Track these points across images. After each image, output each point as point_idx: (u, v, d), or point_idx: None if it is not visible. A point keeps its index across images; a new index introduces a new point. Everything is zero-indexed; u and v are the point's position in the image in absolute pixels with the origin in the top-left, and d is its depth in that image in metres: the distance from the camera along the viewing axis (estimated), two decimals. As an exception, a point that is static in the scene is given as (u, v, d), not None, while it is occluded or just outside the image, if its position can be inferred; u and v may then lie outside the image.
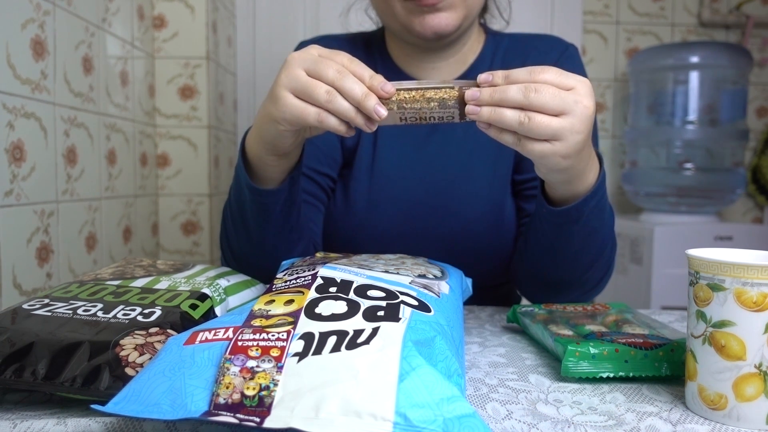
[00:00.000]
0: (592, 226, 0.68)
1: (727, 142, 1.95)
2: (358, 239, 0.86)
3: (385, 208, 0.85)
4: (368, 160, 0.86)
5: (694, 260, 0.48)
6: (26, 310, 0.52)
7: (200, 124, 1.60)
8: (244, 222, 0.72)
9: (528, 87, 0.53)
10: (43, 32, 1.01)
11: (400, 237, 0.85)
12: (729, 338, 0.45)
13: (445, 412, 0.35)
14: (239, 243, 0.75)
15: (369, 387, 0.36)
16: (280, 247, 0.73)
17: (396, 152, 0.86)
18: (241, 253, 0.76)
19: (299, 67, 0.56)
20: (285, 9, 1.96)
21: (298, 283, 0.50)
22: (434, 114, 0.56)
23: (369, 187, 0.86)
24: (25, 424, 0.43)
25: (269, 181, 0.68)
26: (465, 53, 0.87)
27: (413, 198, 0.85)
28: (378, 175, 0.86)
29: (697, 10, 2.13)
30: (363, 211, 0.85)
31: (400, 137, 0.86)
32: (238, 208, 0.72)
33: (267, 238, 0.72)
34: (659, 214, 1.95)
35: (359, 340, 0.40)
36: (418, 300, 0.48)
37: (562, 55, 0.86)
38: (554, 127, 0.53)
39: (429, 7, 0.75)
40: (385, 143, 0.86)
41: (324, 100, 0.54)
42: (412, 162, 0.86)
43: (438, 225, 0.85)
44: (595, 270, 0.74)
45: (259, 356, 0.39)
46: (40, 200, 1.01)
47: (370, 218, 0.85)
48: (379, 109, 0.54)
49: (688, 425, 0.46)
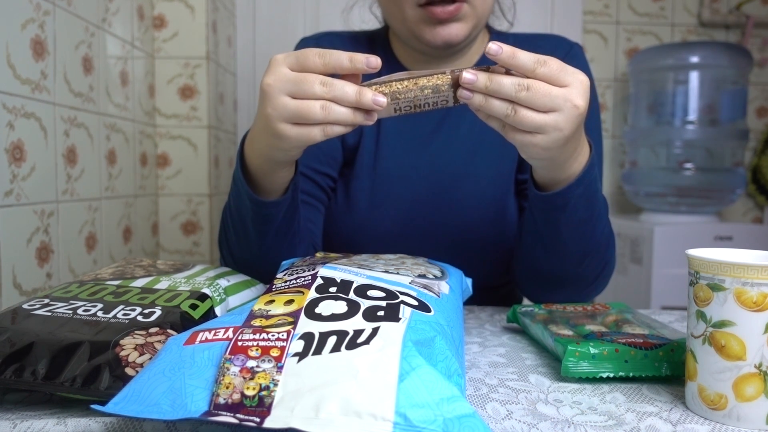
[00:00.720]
0: (580, 216, 0.67)
1: (727, 142, 1.95)
2: (360, 238, 0.85)
3: (387, 206, 0.85)
4: (370, 158, 0.86)
5: (694, 260, 0.48)
6: (26, 310, 0.52)
7: (200, 124, 1.60)
8: (245, 229, 0.72)
9: (521, 84, 0.53)
10: (43, 32, 1.01)
11: (401, 236, 0.85)
12: (729, 338, 0.45)
13: (445, 412, 0.35)
14: (240, 248, 0.75)
15: (369, 387, 0.36)
16: (282, 251, 0.73)
17: (399, 151, 0.86)
18: (242, 257, 0.76)
19: (282, 94, 0.54)
20: (285, 9, 1.96)
21: (298, 283, 0.50)
22: (428, 100, 0.56)
23: (371, 185, 0.86)
24: (25, 424, 0.43)
25: (271, 192, 0.68)
26: (470, 54, 0.87)
27: (415, 196, 0.85)
28: (380, 174, 0.86)
29: (697, 10, 2.13)
30: (365, 210, 0.85)
31: (403, 135, 0.86)
32: (239, 216, 0.72)
33: (268, 244, 0.72)
34: (659, 214, 1.95)
35: (359, 340, 0.40)
36: (418, 300, 0.48)
37: (567, 54, 0.87)
38: (538, 122, 0.54)
39: (443, 19, 0.75)
40: (387, 142, 0.86)
41: (322, 117, 0.54)
42: (415, 160, 0.86)
43: (440, 224, 0.85)
44: (589, 266, 0.74)
45: (259, 356, 0.39)
46: (40, 200, 1.01)
47: (372, 217, 0.85)
48: (378, 98, 0.54)
49: (688, 425, 0.46)
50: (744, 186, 1.99)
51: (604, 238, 0.73)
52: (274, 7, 1.95)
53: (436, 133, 0.86)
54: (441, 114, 0.86)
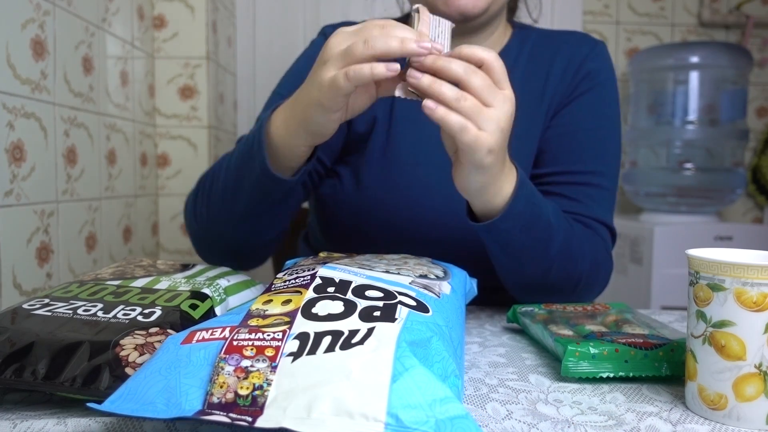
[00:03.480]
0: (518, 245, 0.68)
1: (727, 142, 1.95)
2: (368, 227, 0.84)
3: (397, 193, 0.83)
4: (382, 145, 0.84)
5: (694, 260, 0.48)
6: (26, 310, 0.52)
7: (200, 124, 1.60)
8: (236, 197, 0.71)
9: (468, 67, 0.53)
10: (43, 32, 1.01)
11: (410, 224, 0.83)
12: (729, 338, 0.45)
13: (438, 413, 0.35)
14: (219, 212, 0.74)
15: (361, 387, 0.36)
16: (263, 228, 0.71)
17: (411, 138, 0.84)
18: (219, 217, 0.74)
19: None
20: (285, 9, 1.96)
21: (297, 283, 0.50)
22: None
23: (382, 171, 0.84)
24: (25, 424, 0.43)
25: (287, 169, 0.67)
26: (491, 45, 0.86)
27: (426, 184, 0.83)
28: (391, 160, 0.84)
29: (697, 10, 2.13)
30: (375, 197, 0.83)
31: (416, 123, 0.84)
32: (236, 184, 0.70)
33: (257, 216, 0.71)
34: (659, 214, 1.95)
35: (354, 340, 0.40)
36: (416, 300, 0.48)
37: (592, 50, 0.86)
38: (485, 113, 0.54)
39: None
40: (399, 130, 0.84)
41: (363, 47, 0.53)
42: (428, 149, 0.84)
43: (451, 214, 0.82)
44: (557, 278, 0.73)
45: (253, 356, 0.39)
46: (40, 200, 1.01)
47: (382, 204, 0.83)
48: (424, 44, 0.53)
49: (688, 425, 0.46)
50: (744, 186, 1.99)
51: (566, 255, 0.72)
52: (274, 7, 1.95)
53: None
54: None
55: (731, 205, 2.10)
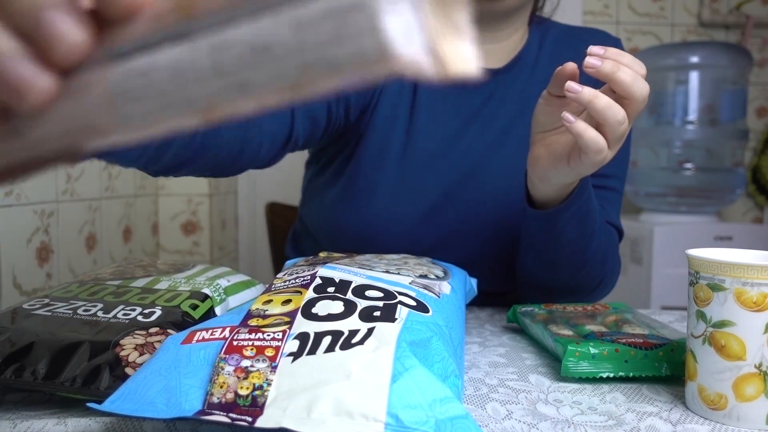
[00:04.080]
0: (569, 236, 0.69)
1: (727, 142, 1.95)
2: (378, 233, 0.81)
3: (413, 197, 0.81)
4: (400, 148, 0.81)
5: (694, 260, 0.48)
6: (26, 310, 0.52)
7: (200, 124, 1.60)
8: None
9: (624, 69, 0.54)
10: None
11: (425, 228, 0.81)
12: (729, 338, 0.45)
13: (438, 413, 0.35)
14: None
15: (361, 387, 0.36)
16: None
17: (432, 140, 0.81)
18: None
19: None
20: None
21: (297, 283, 0.50)
22: None
23: (397, 175, 0.81)
24: (25, 424, 0.43)
25: None
26: (515, 40, 0.85)
27: (444, 188, 0.81)
28: (410, 163, 0.81)
29: (697, 10, 2.13)
30: (388, 201, 0.81)
31: (437, 124, 0.82)
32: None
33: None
34: (659, 214, 1.95)
35: (354, 340, 0.40)
36: (416, 300, 0.48)
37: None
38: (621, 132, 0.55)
39: None
40: (420, 129, 0.81)
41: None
42: (448, 151, 0.81)
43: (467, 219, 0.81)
44: (584, 279, 0.75)
45: (253, 356, 0.39)
46: (40, 200, 1.01)
47: (395, 209, 0.81)
48: None
49: (688, 425, 0.46)
50: (744, 186, 1.99)
51: (599, 255, 0.74)
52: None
53: (471, 123, 0.82)
54: (477, 105, 0.83)
55: (731, 205, 2.10)
